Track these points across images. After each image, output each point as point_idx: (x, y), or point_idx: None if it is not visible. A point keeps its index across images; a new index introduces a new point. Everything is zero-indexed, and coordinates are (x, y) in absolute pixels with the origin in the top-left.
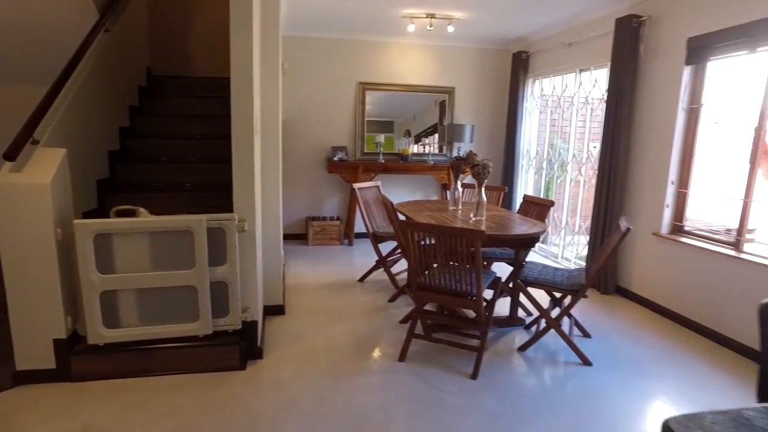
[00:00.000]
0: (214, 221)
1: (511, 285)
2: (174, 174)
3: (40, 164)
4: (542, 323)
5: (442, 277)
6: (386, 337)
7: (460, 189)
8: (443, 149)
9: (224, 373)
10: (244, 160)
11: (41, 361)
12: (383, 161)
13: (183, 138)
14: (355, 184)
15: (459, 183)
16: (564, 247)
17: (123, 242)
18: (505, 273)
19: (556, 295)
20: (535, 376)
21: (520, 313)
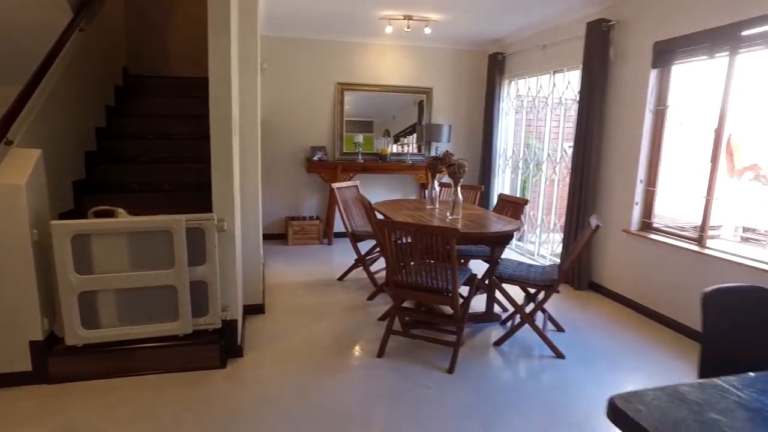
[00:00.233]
0: (193, 221)
1: (487, 282)
2: (152, 174)
3: (15, 165)
4: (517, 318)
5: (419, 275)
6: (365, 334)
7: (438, 188)
8: (421, 149)
9: (205, 371)
10: (222, 160)
11: (17, 363)
12: (362, 161)
13: (161, 138)
14: (334, 184)
15: (436, 182)
16: (540, 245)
17: (101, 243)
18: (482, 270)
19: (531, 290)
20: (509, 369)
21: (496, 309)
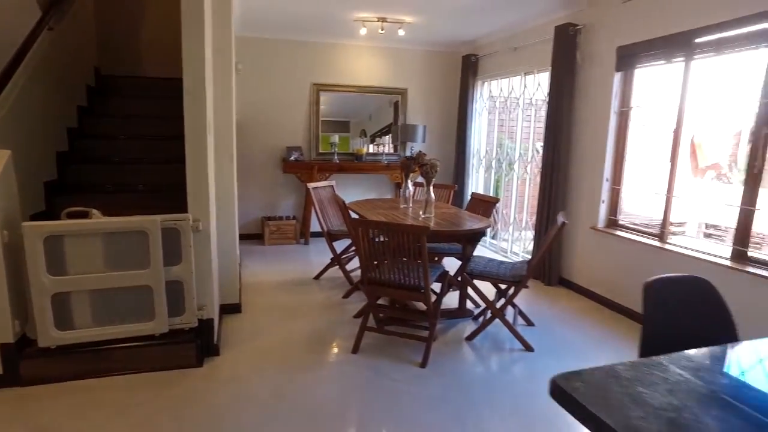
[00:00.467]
0: (168, 221)
1: (459, 278)
2: (126, 175)
3: None
4: (488, 314)
5: (392, 272)
6: (340, 332)
7: (412, 188)
8: (397, 149)
9: (181, 370)
10: (197, 161)
11: None
12: (338, 161)
13: (135, 139)
14: (310, 184)
15: (410, 182)
16: (512, 242)
17: (75, 244)
18: (455, 267)
19: (501, 286)
20: (481, 362)
21: (469, 305)
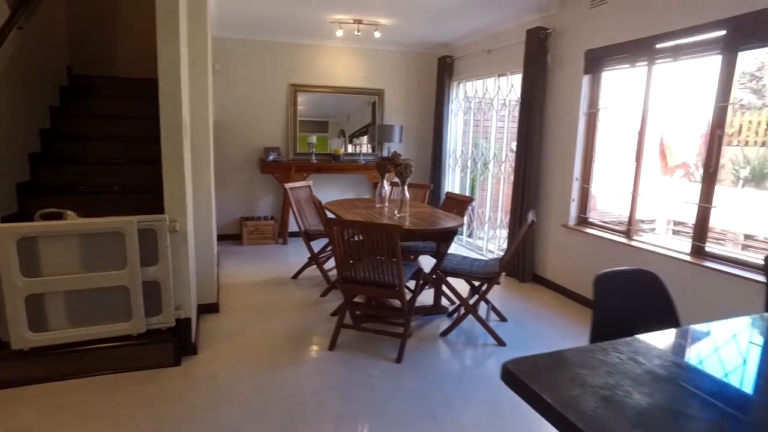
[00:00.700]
0: (145, 222)
1: (434, 276)
2: (101, 176)
3: None
4: (462, 310)
5: (367, 271)
6: (318, 330)
7: (388, 187)
8: (375, 149)
9: (159, 369)
10: (173, 162)
11: None
12: (316, 161)
13: (110, 140)
14: (287, 184)
15: (385, 182)
16: (488, 241)
17: (50, 245)
18: (430, 265)
19: (475, 283)
20: (454, 357)
21: (444, 302)
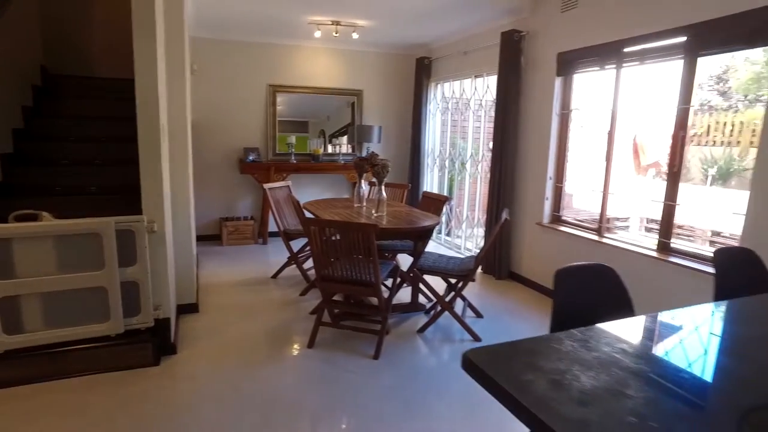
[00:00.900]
0: (122, 223)
1: (411, 274)
2: (78, 177)
3: None
4: (439, 307)
5: (344, 269)
6: (297, 328)
7: (366, 187)
8: (354, 149)
9: (138, 369)
10: (151, 162)
11: None
12: (295, 161)
13: (86, 140)
14: (266, 185)
15: (363, 181)
16: (466, 239)
17: (25, 247)
18: (408, 264)
19: (451, 280)
20: (431, 353)
21: (422, 300)
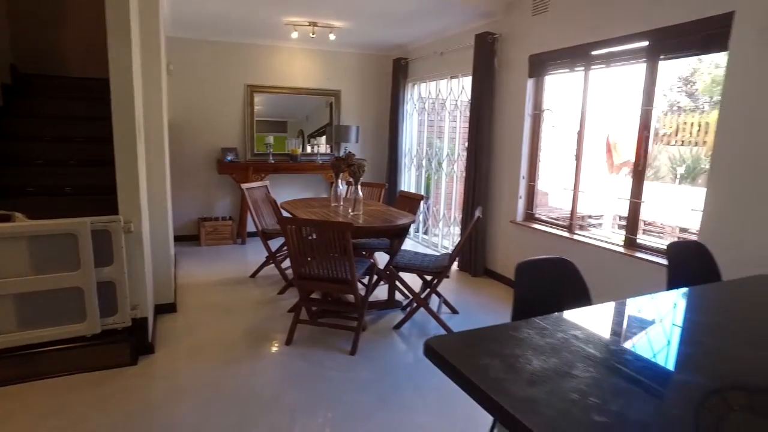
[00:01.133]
0: (98, 223)
1: (387, 272)
2: (52, 178)
3: None
4: (415, 303)
5: (321, 267)
6: (275, 326)
7: (342, 187)
8: (332, 149)
9: (115, 369)
10: (127, 162)
11: None
12: (273, 161)
13: (60, 141)
14: (244, 185)
15: (340, 181)
16: (442, 237)
17: None
18: (385, 262)
19: (427, 277)
20: (406, 348)
21: (398, 297)
